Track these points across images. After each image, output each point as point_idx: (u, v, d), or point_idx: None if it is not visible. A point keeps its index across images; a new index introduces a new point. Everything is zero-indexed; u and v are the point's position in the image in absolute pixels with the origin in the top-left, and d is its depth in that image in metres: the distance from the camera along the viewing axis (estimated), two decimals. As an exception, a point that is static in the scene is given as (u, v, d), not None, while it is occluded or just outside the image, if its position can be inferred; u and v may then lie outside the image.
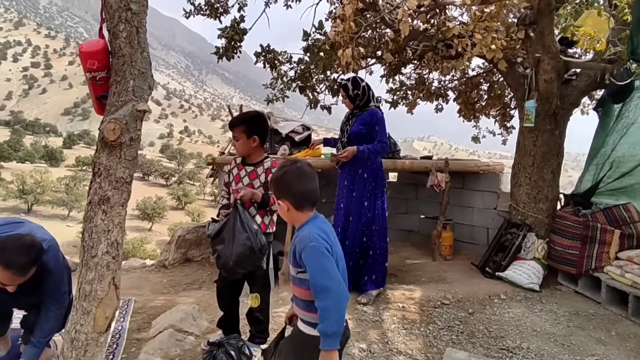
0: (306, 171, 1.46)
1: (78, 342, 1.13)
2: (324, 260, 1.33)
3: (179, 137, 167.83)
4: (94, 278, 1.12)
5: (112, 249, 1.14)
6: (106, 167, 1.11)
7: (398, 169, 4.58)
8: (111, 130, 1.08)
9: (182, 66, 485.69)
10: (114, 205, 1.13)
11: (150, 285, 4.07)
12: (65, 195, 43.21)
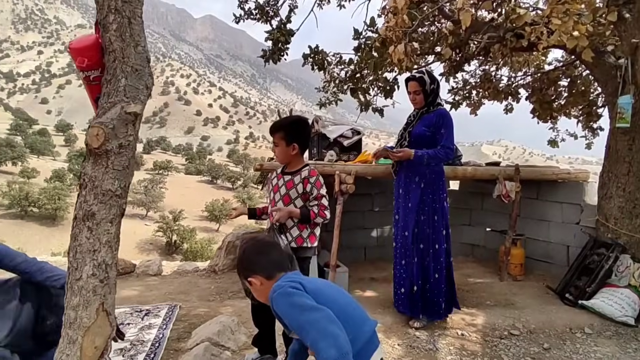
0: (265, 242, 1.48)
1: None
2: (292, 299, 1.23)
3: (244, 143, 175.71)
4: (78, 304, 0.98)
5: (100, 271, 1.00)
6: (91, 178, 0.97)
7: (459, 177, 4.14)
8: (94, 137, 0.94)
9: (248, 75, 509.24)
10: (100, 221, 0.98)
11: (198, 291, 4.06)
12: (144, 196, 46.98)
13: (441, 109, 2.95)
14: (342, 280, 3.72)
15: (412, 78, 2.92)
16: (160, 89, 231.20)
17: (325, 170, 3.51)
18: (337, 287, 1.43)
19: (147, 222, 43.70)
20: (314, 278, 1.42)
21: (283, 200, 2.24)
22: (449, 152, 2.89)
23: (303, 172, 2.26)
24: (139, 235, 39.86)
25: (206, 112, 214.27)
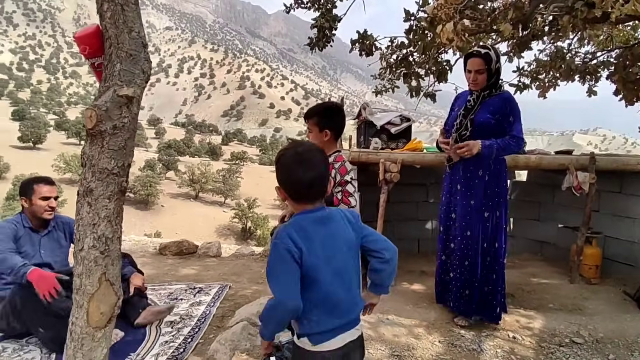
0: (306, 158, 1.20)
1: (75, 335, 1.10)
2: (276, 262, 1.18)
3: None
4: (82, 272, 1.07)
5: (100, 243, 1.08)
6: (89, 158, 1.05)
7: (520, 167, 3.77)
8: (88, 118, 1.01)
9: (319, 67, 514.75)
10: (98, 197, 1.06)
11: (249, 274, 4.25)
12: (222, 185, 50.27)
13: (506, 93, 2.63)
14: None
15: (475, 54, 2.51)
16: (237, 84, 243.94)
17: (369, 159, 3.42)
18: (344, 264, 1.25)
19: (224, 209, 46.73)
20: (330, 240, 1.21)
21: None
22: (520, 142, 2.56)
23: (330, 157, 2.24)
24: (218, 220, 42.90)
25: (279, 105, 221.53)
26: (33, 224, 2.57)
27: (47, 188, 2.52)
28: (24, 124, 63.58)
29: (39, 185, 2.51)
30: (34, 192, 2.50)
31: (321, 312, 1.24)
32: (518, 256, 4.69)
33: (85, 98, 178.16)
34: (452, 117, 2.76)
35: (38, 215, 2.53)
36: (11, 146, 56.83)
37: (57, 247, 2.65)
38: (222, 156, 77.37)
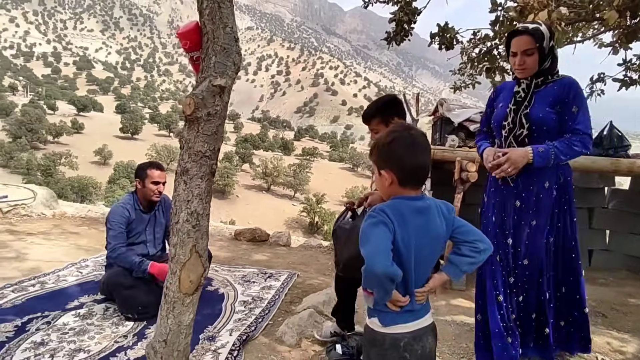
0: (420, 142, 1.21)
1: (168, 298, 1.24)
2: (370, 228, 1.14)
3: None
4: (176, 242, 1.21)
5: (192, 218, 1.20)
6: (187, 141, 1.17)
7: (622, 172, 3.36)
8: (187, 105, 1.13)
9: (393, 64, 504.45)
10: (193, 177, 1.18)
11: (317, 265, 4.36)
12: (293, 179, 51.92)
13: (568, 78, 1.99)
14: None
15: (522, 31, 1.92)
16: (311, 81, 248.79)
17: (445, 156, 3.31)
18: (430, 255, 1.26)
19: (294, 202, 48.20)
20: (423, 231, 1.21)
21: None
22: (587, 140, 1.94)
23: None
24: (287, 213, 44.43)
25: (351, 102, 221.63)
26: (143, 205, 2.92)
27: (158, 173, 2.83)
28: (125, 116, 71.41)
29: (152, 170, 2.82)
30: (147, 176, 2.83)
31: (400, 293, 1.23)
32: (614, 273, 4.21)
33: (175, 94, 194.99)
34: (498, 115, 2.12)
35: (148, 197, 2.87)
36: (114, 136, 64.23)
37: (159, 225, 3.01)
38: (294, 151, 79.63)
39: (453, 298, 3.34)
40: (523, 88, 2.03)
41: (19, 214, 5.53)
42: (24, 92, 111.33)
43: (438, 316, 2.89)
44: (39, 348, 2.27)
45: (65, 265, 3.62)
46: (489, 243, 1.31)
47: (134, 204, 2.91)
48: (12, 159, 43.74)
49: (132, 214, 2.87)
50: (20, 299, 2.88)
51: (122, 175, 41.95)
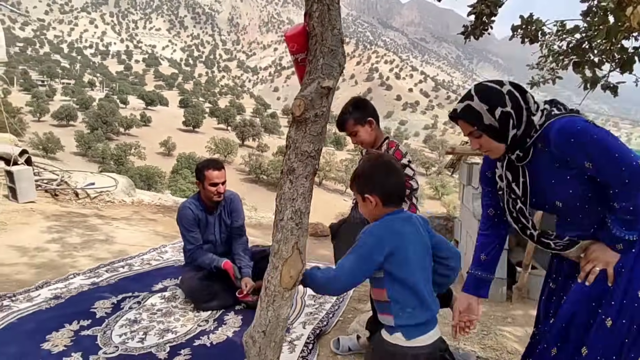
0: (395, 166, 1.43)
1: (269, 291, 1.30)
2: (357, 247, 1.34)
3: (442, 128, 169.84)
4: (280, 239, 1.25)
5: (296, 216, 1.24)
6: (294, 141, 1.20)
7: None
8: (297, 107, 1.16)
9: (452, 57, 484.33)
10: (298, 176, 1.22)
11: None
12: (344, 174, 52.00)
13: (560, 121, 1.28)
14: (535, 285, 3.29)
15: (455, 116, 1.39)
16: (365, 76, 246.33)
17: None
18: (425, 261, 1.39)
19: (345, 197, 48.23)
20: (416, 237, 1.37)
21: None
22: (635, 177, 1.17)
23: (383, 146, 2.24)
24: (338, 208, 44.60)
25: (406, 97, 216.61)
26: (207, 206, 2.91)
27: (216, 174, 2.71)
28: (187, 110, 75.50)
29: (209, 172, 2.71)
30: (205, 178, 2.76)
31: (415, 304, 1.33)
32: None
33: (233, 89, 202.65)
34: (491, 200, 1.56)
35: (209, 198, 2.84)
36: (177, 129, 68.19)
37: (224, 225, 3.01)
38: (346, 146, 79.53)
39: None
40: (506, 168, 1.43)
41: (104, 200, 6.08)
42: (100, 87, 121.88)
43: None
44: (133, 325, 2.48)
45: (148, 250, 3.93)
46: (458, 256, 1.49)
47: (198, 205, 2.90)
48: (90, 149, 48.10)
49: (198, 214, 2.87)
50: (114, 278, 3.17)
51: (184, 166, 44.48)
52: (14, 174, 4.95)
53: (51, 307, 2.63)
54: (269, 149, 60.42)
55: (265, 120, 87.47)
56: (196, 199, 2.92)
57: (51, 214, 4.78)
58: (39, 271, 3.15)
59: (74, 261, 3.43)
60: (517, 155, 1.36)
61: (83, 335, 2.32)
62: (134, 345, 2.26)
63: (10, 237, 3.79)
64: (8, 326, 2.35)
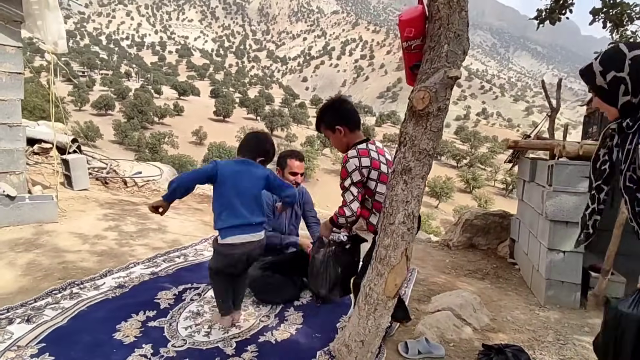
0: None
1: (370, 299, 1.20)
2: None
3: (475, 119, 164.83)
4: (389, 244, 1.15)
5: (408, 220, 1.14)
6: (411, 137, 1.09)
7: None
8: (420, 99, 1.04)
9: (487, 45, 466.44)
10: (414, 176, 1.10)
11: (433, 262, 4.19)
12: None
13: None
14: (614, 291, 3.05)
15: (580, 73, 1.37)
16: (396, 65, 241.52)
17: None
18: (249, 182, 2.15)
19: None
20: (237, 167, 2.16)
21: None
22: None
23: (351, 151, 1.92)
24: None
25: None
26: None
27: (297, 164, 2.84)
28: (218, 100, 76.71)
29: (292, 161, 2.83)
30: (287, 165, 2.85)
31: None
32: None
33: (262, 79, 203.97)
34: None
35: None
36: (208, 118, 69.49)
37: (294, 215, 3.04)
38: (375, 137, 78.50)
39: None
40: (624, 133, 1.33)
41: (150, 189, 6.20)
42: (136, 78, 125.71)
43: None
44: (197, 318, 2.47)
45: (199, 240, 3.95)
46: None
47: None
48: (126, 137, 49.81)
49: (271, 201, 2.94)
50: (172, 268, 3.19)
51: (215, 155, 45.35)
52: (69, 162, 5.10)
53: (117, 296, 2.66)
54: (297, 139, 60.56)
55: (293, 111, 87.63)
56: None
57: (104, 202, 4.90)
58: (101, 259, 3.21)
59: (131, 250, 3.48)
60: (627, 123, 1.30)
61: (150, 327, 2.33)
62: (201, 339, 2.25)
63: (70, 224, 3.90)
64: (80, 314, 2.39)
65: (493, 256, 4.50)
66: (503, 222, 4.62)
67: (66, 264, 3.04)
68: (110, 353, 2.05)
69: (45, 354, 1.99)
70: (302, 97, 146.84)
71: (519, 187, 4.36)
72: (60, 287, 2.66)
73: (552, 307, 3.06)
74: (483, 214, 4.69)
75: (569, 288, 3.05)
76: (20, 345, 2.04)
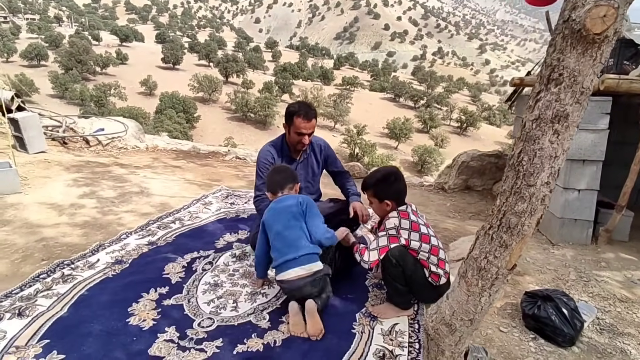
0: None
1: (487, 273, 1.01)
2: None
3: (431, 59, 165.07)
4: (524, 210, 0.93)
5: (552, 179, 0.91)
6: (572, 73, 0.83)
7: None
8: (599, 19, 0.76)
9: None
10: (570, 124, 0.86)
11: (434, 206, 4.12)
12: (333, 110, 50.80)
13: None
14: (624, 227, 3.11)
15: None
16: (351, 3, 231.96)
17: (632, 88, 2.76)
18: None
19: (334, 133, 47.69)
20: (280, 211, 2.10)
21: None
22: None
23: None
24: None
25: (394, 26, 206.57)
26: (291, 150, 2.63)
27: (304, 124, 2.45)
28: (165, 46, 70.86)
29: (298, 120, 2.45)
30: (293, 123, 2.48)
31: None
32: None
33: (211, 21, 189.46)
34: None
35: (292, 145, 2.58)
36: (157, 66, 64.48)
37: (311, 174, 2.73)
38: (334, 81, 77.01)
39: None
40: None
41: (116, 147, 5.59)
42: (69, 23, 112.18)
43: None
44: (217, 290, 2.23)
45: (191, 201, 3.59)
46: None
47: (281, 149, 2.63)
48: (67, 90, 45.38)
49: (277, 159, 2.61)
50: (171, 236, 2.86)
51: (168, 106, 42.68)
52: (19, 122, 4.40)
53: (118, 273, 2.34)
54: (255, 86, 58.04)
55: (248, 55, 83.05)
56: (280, 142, 2.65)
57: (70, 165, 4.33)
58: (86, 232, 2.81)
59: (118, 218, 3.09)
60: None
61: (167, 306, 2.06)
62: (229, 314, 2.02)
63: (37, 193, 3.39)
64: (80, 299, 2.06)
65: (489, 197, 4.52)
66: (498, 162, 4.60)
67: (46, 241, 2.63)
68: (131, 342, 1.79)
69: (53, 352, 1.69)
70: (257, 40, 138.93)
71: (516, 125, 4.28)
72: (48, 270, 2.29)
73: (564, 244, 3.10)
74: (479, 156, 4.63)
75: (582, 225, 3.07)
76: (19, 346, 1.72)
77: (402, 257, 1.99)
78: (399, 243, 1.98)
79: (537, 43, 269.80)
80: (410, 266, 2.01)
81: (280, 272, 1.97)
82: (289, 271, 1.93)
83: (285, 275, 1.95)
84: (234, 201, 3.73)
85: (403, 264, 1.99)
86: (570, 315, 1.95)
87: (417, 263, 2.03)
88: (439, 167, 39.59)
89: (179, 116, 41.86)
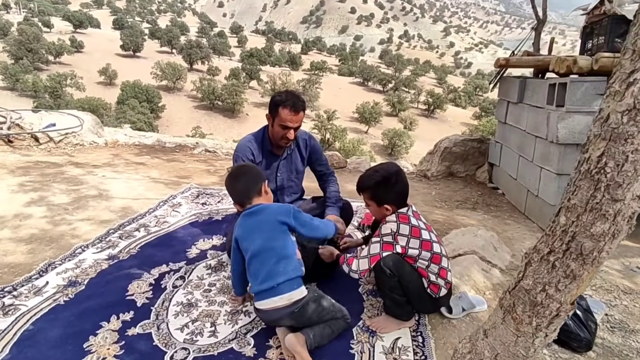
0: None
1: (545, 310, 0.79)
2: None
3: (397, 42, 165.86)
4: (604, 233, 0.69)
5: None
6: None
7: None
8: None
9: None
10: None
11: (420, 196, 3.93)
12: (302, 95, 50.15)
13: None
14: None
15: None
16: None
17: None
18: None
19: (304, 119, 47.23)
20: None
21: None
22: None
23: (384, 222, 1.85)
24: (300, 132, 43.71)
25: (360, 9, 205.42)
26: (272, 145, 2.32)
27: (291, 117, 2.16)
28: (124, 32, 67.27)
29: (285, 111, 2.16)
30: (278, 115, 2.17)
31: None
32: None
33: (172, 5, 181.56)
34: None
35: (275, 140, 2.28)
36: (116, 54, 61.20)
37: (294, 172, 2.44)
38: (302, 66, 76.01)
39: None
40: None
41: (71, 143, 5.07)
42: (17, 9, 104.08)
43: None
44: (191, 311, 1.93)
45: (157, 204, 3.23)
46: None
47: (262, 143, 2.32)
48: (18, 82, 42.30)
49: (258, 157, 2.31)
50: (135, 247, 2.51)
51: (130, 96, 40.70)
52: (-51, 120, 3.83)
53: (71, 299, 1.98)
54: (221, 72, 56.27)
55: (212, 41, 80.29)
56: (261, 135, 2.34)
57: (15, 167, 3.82)
58: (32, 247, 2.42)
59: (72, 228, 2.70)
60: None
61: (132, 336, 1.75)
62: (207, 342, 1.73)
63: (-27, 203, 2.92)
64: (25, 336, 1.71)
65: (473, 183, 4.39)
66: (481, 147, 4.46)
67: (-18, 262, 2.22)
68: (87, 389, 1.48)
69: (-13, 411, 1.36)
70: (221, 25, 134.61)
71: (500, 108, 4.13)
72: (-17, 301, 1.91)
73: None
74: (462, 141, 4.47)
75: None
76: (-60, 408, 1.37)
77: (397, 267, 1.75)
78: (394, 251, 1.75)
79: (499, 25, 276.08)
80: (406, 276, 1.78)
81: (257, 300, 1.73)
82: (266, 300, 1.69)
83: (261, 305, 1.71)
84: (206, 201, 3.40)
85: (399, 274, 1.76)
86: (585, 317, 1.80)
87: (414, 272, 1.81)
88: (408, 150, 40.05)
89: (143, 106, 39.95)
